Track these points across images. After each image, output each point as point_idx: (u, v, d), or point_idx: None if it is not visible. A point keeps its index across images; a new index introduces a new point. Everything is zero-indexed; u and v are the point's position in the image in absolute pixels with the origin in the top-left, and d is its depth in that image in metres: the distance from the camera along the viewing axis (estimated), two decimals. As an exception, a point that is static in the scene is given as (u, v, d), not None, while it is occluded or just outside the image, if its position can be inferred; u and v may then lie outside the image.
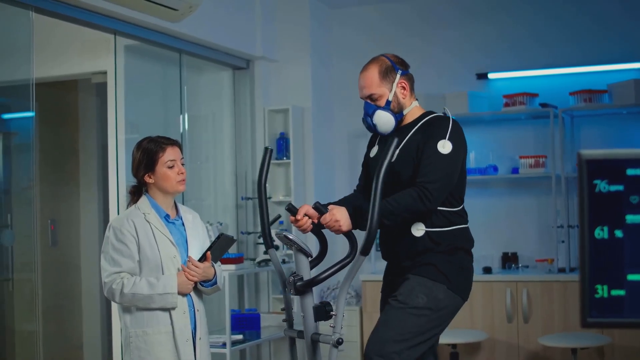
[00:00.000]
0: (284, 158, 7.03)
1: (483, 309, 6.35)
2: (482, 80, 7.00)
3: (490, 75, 6.95)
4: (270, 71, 7.24)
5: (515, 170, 6.77)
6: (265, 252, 6.12)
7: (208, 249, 3.61)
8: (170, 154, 3.66)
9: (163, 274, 3.57)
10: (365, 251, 3.25)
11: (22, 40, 5.12)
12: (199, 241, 3.74)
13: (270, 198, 6.88)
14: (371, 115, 3.67)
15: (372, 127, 3.71)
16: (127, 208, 3.77)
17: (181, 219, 3.76)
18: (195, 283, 3.67)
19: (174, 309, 3.57)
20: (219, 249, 3.65)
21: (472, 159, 6.85)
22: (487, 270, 6.56)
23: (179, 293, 3.57)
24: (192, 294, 3.68)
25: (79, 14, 5.23)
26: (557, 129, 6.48)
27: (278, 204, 6.97)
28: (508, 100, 6.66)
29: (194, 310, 3.68)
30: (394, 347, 3.42)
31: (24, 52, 5.15)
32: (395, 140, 3.26)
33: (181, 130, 6.42)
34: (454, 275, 3.57)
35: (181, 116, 6.44)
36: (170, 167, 3.65)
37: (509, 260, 6.75)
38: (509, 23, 6.97)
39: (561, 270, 6.41)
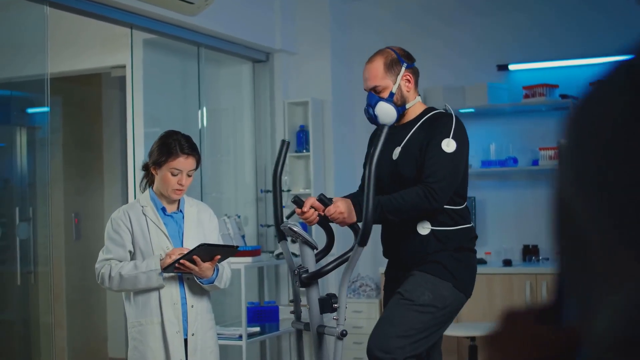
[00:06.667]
0: (304, 151, 7.03)
1: (502, 301, 6.32)
2: (502, 72, 6.94)
3: (511, 67, 6.89)
4: (290, 64, 7.24)
5: (535, 162, 6.71)
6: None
7: (181, 257, 3.50)
8: (180, 163, 3.61)
9: None
10: (363, 242, 3.26)
11: (37, 35, 5.16)
12: (199, 234, 3.74)
13: (289, 191, 6.89)
14: (373, 107, 3.66)
15: (373, 118, 3.69)
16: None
17: (182, 212, 3.77)
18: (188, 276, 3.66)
19: (161, 287, 3.58)
20: (205, 255, 3.53)
21: (492, 151, 6.80)
22: (507, 262, 6.53)
23: (164, 271, 3.54)
24: (187, 288, 3.68)
25: (94, 7, 5.24)
26: (577, 120, 6.41)
27: (297, 197, 6.97)
28: (528, 92, 6.60)
29: (187, 305, 3.67)
30: (397, 342, 3.42)
31: (40, 47, 5.20)
32: (385, 129, 3.26)
33: (200, 124, 6.44)
34: (460, 274, 3.57)
35: (200, 110, 6.46)
36: (174, 175, 3.63)
37: (530, 253, 6.69)
38: (528, 15, 6.90)
39: (582, 263, 6.35)
